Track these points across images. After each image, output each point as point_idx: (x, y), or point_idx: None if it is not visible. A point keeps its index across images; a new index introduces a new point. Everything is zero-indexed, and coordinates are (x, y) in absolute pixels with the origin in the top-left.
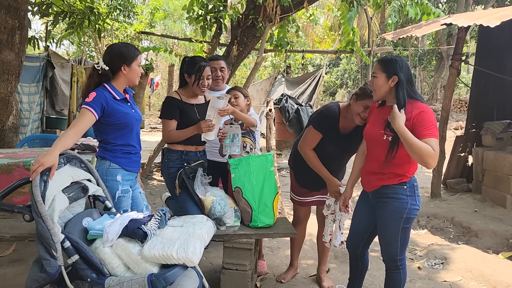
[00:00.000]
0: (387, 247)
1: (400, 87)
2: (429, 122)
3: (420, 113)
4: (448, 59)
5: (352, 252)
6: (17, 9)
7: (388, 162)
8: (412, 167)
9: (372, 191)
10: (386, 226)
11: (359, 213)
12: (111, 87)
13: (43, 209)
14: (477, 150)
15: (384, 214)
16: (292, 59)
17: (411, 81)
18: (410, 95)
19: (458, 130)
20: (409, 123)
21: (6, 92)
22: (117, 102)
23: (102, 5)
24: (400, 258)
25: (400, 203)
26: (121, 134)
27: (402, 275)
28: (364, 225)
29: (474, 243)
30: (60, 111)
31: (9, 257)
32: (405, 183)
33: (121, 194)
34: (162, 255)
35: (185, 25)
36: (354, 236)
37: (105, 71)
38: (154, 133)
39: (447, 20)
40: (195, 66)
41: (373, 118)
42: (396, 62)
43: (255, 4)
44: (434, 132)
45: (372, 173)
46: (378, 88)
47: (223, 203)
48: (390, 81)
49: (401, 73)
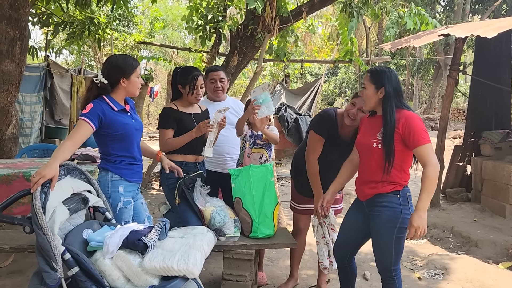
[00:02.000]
0: (382, 257)
1: (387, 98)
2: (418, 128)
3: (407, 119)
4: (445, 68)
5: (340, 260)
6: (18, 20)
7: (388, 173)
8: (404, 175)
9: (366, 200)
10: (380, 236)
11: (351, 222)
12: (110, 98)
13: (43, 221)
14: (475, 160)
15: (377, 223)
16: (290, 69)
17: (399, 93)
18: (397, 105)
19: (456, 139)
20: (399, 132)
21: (6, 102)
22: (116, 113)
23: (102, 15)
24: (394, 268)
25: (393, 212)
26: (122, 145)
27: (398, 285)
28: (356, 233)
29: (474, 253)
30: (59, 121)
31: (7, 268)
32: (399, 191)
33: (123, 205)
34: (163, 266)
35: (184, 35)
36: (344, 244)
37: (103, 84)
38: (153, 142)
39: (445, 31)
40: (188, 77)
41: (364, 128)
42: (385, 73)
43: (254, 14)
44: (426, 137)
45: (365, 182)
46: (368, 99)
47: (223, 213)
48: (379, 93)
49: (389, 84)
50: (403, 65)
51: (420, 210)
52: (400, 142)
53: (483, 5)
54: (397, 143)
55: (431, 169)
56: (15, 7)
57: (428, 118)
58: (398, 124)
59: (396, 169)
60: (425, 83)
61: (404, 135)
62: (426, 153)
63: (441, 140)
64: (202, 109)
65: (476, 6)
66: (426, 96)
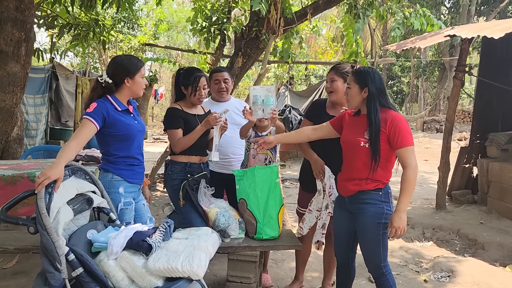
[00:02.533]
0: (371, 255)
1: (371, 98)
2: (404, 129)
3: (394, 120)
4: (451, 70)
5: (341, 260)
6: (24, 21)
7: (374, 171)
8: (388, 174)
9: (349, 196)
10: (367, 233)
11: (338, 220)
12: (114, 98)
13: (48, 222)
14: (482, 162)
15: (363, 221)
16: (295, 70)
17: (383, 92)
18: (383, 104)
19: (461, 141)
20: (385, 131)
21: (11, 103)
22: (119, 113)
23: (107, 17)
24: (384, 265)
25: (377, 208)
26: (123, 145)
27: (391, 280)
28: (345, 230)
29: (480, 255)
30: (65, 123)
31: (12, 269)
32: (381, 189)
33: (124, 206)
34: (167, 268)
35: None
36: (339, 243)
37: (108, 84)
38: (157, 144)
39: (450, 32)
40: (191, 78)
41: (348, 126)
42: (368, 74)
43: (258, 16)
44: (410, 139)
45: (349, 179)
46: (352, 98)
47: (227, 215)
48: (363, 92)
49: (372, 84)
50: (408, 66)
51: (400, 211)
52: (386, 141)
53: (488, 7)
54: (384, 142)
55: (411, 172)
56: (20, 9)
57: (433, 120)
58: (385, 124)
59: (381, 168)
60: (430, 85)
61: (390, 135)
62: (408, 155)
63: (447, 141)
64: (205, 110)
65: (481, 7)
66: (431, 98)
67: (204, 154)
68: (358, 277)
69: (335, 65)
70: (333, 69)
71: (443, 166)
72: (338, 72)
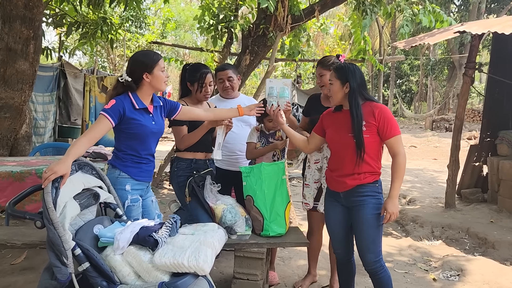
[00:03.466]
0: (372, 247)
1: (352, 93)
2: (392, 119)
3: (382, 111)
4: (460, 68)
5: (340, 256)
6: (32, 19)
7: (359, 165)
8: (380, 163)
9: (345, 191)
10: (368, 225)
11: (332, 215)
12: (134, 96)
13: (54, 216)
14: (492, 160)
15: (364, 213)
16: (302, 69)
17: (364, 86)
18: (365, 97)
19: (471, 139)
20: (375, 122)
21: (20, 101)
22: (135, 111)
23: (115, 16)
24: (381, 258)
25: (376, 199)
26: (133, 144)
27: (388, 271)
28: (340, 226)
29: (491, 254)
30: (74, 121)
31: (20, 265)
32: (377, 180)
33: (131, 203)
34: (173, 263)
35: (196, 36)
36: (336, 239)
37: (128, 82)
38: (165, 142)
39: (460, 28)
40: (197, 74)
41: (332, 123)
42: (348, 69)
43: (266, 13)
44: (397, 129)
45: (344, 175)
46: (334, 94)
47: (234, 211)
48: (344, 88)
49: (353, 80)
50: (417, 65)
51: (393, 197)
52: (376, 133)
53: (499, 4)
54: (374, 134)
55: (402, 159)
56: (29, 7)
57: (442, 119)
58: (373, 116)
59: (374, 160)
60: (439, 84)
61: (379, 126)
62: (398, 143)
63: (456, 139)
64: (211, 107)
65: (491, 5)
66: (440, 96)
67: (210, 151)
68: (363, 274)
69: (320, 59)
70: (319, 64)
71: (452, 165)
72: (324, 65)
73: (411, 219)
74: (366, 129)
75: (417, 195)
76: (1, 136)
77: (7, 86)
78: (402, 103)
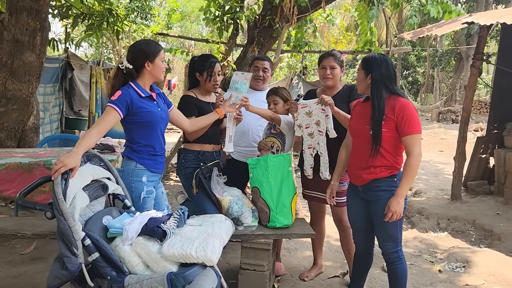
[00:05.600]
0: (389, 239)
1: (374, 84)
2: (412, 116)
3: (402, 107)
4: (467, 59)
5: (360, 247)
6: (39, 11)
7: (374, 158)
8: (400, 158)
9: (363, 185)
10: (383, 217)
11: (353, 208)
12: (136, 85)
13: (64, 207)
14: (499, 152)
15: (378, 208)
16: (308, 60)
17: (390, 79)
18: (391, 91)
19: (478, 131)
20: (393, 117)
21: (27, 93)
22: (142, 100)
23: (120, 7)
24: (400, 249)
25: (392, 195)
26: (146, 133)
27: (405, 265)
28: (361, 218)
29: (496, 246)
30: (78, 112)
31: (30, 255)
32: (395, 175)
33: (146, 195)
34: (181, 254)
35: (201, 27)
36: (357, 231)
37: (129, 69)
38: (171, 134)
39: (468, 19)
40: (206, 63)
41: (357, 113)
42: (374, 60)
43: (272, 4)
44: (416, 127)
45: (361, 168)
46: (359, 83)
47: (241, 203)
48: (368, 79)
49: (377, 71)
50: (424, 56)
51: (399, 196)
52: (394, 128)
53: None
54: (391, 129)
55: (414, 159)
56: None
57: (449, 110)
58: (393, 111)
59: (391, 154)
60: (446, 75)
61: (398, 122)
62: (413, 142)
63: (463, 131)
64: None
65: None
66: (446, 88)
67: (218, 143)
68: (372, 266)
69: (330, 52)
70: (331, 55)
71: (459, 156)
72: (336, 60)
73: (417, 210)
74: (384, 123)
75: (423, 187)
76: (9, 128)
77: (14, 78)
78: (408, 94)
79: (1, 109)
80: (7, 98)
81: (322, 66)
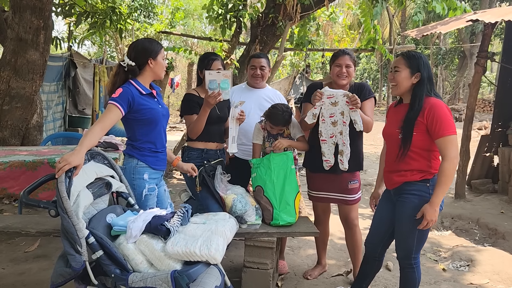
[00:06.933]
0: (403, 243)
1: (421, 84)
2: (444, 117)
3: (432, 108)
4: (471, 58)
5: (370, 251)
6: (42, 9)
7: (401, 160)
8: (434, 162)
9: (394, 188)
10: (404, 222)
11: (381, 211)
12: (137, 82)
13: (68, 205)
14: (503, 150)
15: (403, 210)
16: (311, 59)
17: (431, 80)
18: (428, 92)
19: (481, 130)
20: (423, 121)
21: (31, 91)
22: (143, 97)
23: (123, 5)
24: (415, 257)
25: (422, 201)
26: (148, 130)
27: (417, 273)
28: (385, 223)
29: (501, 245)
30: (82, 110)
31: (34, 252)
32: (428, 180)
33: (148, 192)
34: (185, 251)
35: (204, 26)
36: (375, 234)
37: (131, 67)
38: (174, 132)
39: (473, 17)
40: (205, 60)
41: (390, 117)
42: (420, 58)
43: (275, 2)
44: (449, 128)
45: (393, 171)
46: (400, 82)
47: (244, 201)
48: (413, 78)
49: (424, 70)
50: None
51: (435, 204)
52: (425, 131)
53: None
54: (421, 133)
55: (448, 164)
56: None
57: (452, 109)
58: (422, 113)
59: (424, 157)
60: (450, 73)
61: (428, 125)
62: (446, 145)
63: (467, 130)
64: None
65: None
66: (450, 86)
67: (221, 141)
68: None
69: (345, 50)
70: (347, 54)
71: (463, 155)
72: (352, 58)
73: None
74: (414, 126)
75: None
76: (13, 126)
77: (18, 76)
78: None
79: (5, 107)
80: (10, 96)
81: (337, 64)
